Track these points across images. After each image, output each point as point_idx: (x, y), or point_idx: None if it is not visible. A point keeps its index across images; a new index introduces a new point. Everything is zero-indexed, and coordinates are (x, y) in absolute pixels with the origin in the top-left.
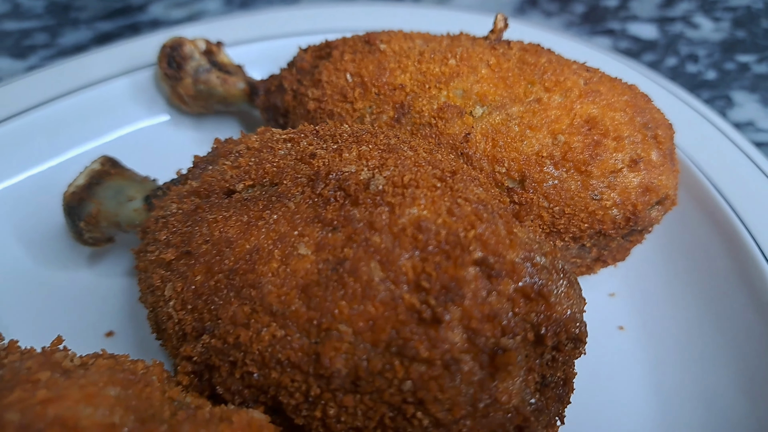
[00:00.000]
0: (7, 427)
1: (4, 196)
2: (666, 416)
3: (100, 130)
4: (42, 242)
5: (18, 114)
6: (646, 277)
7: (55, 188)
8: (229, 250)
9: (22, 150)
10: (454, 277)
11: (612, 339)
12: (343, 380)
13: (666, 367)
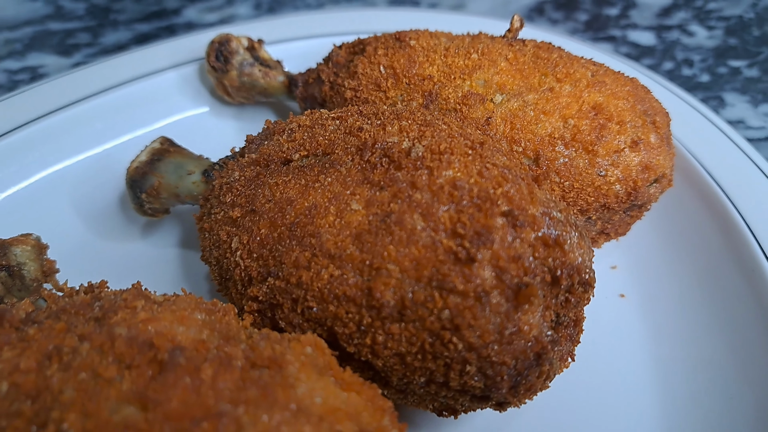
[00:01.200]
0: (117, 339)
1: (66, 174)
2: (663, 376)
3: (150, 118)
4: (100, 216)
5: (80, 100)
6: (645, 251)
7: (111, 168)
8: (290, 207)
9: (81, 133)
10: (485, 226)
11: (614, 306)
12: (391, 310)
13: (663, 331)
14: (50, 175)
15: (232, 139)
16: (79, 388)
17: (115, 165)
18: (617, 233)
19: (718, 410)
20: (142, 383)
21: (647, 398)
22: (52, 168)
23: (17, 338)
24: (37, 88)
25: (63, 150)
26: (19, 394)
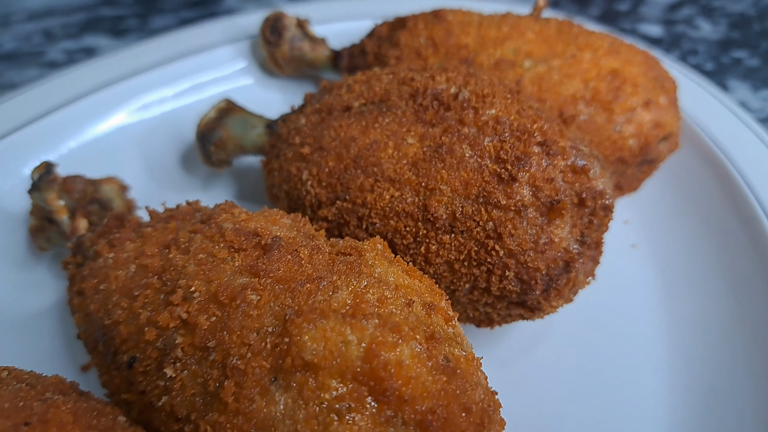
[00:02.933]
0: (225, 231)
1: (136, 132)
2: (672, 317)
3: (206, 86)
4: (163, 170)
5: (146, 70)
6: (655, 209)
7: (171, 129)
8: (353, 144)
9: (147, 97)
10: (524, 152)
11: (627, 255)
12: (443, 223)
13: (673, 278)
14: (120, 132)
15: (277, 108)
16: (198, 264)
17: (175, 126)
18: (630, 188)
19: (722, 348)
20: (251, 261)
21: (657, 339)
22: (122, 125)
23: (136, 235)
24: (112, 57)
25: (130, 112)
26: (146, 272)
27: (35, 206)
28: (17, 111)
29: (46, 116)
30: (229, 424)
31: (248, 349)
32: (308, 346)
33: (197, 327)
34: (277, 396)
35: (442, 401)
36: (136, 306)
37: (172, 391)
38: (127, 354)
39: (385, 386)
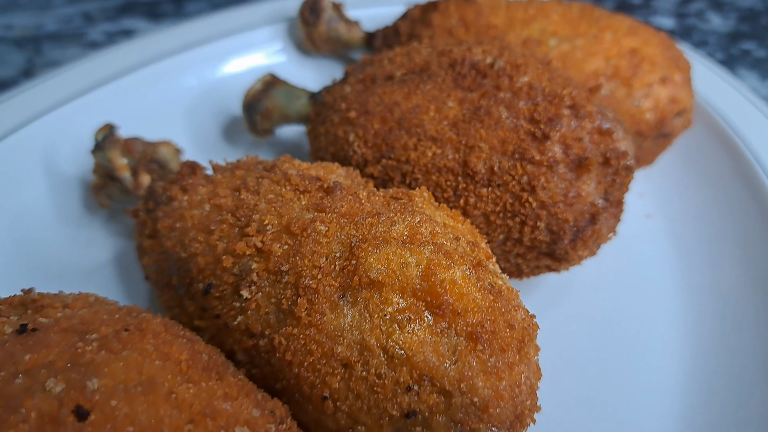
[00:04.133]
0: (290, 176)
1: (180, 106)
2: (686, 282)
3: (246, 63)
4: (206, 141)
5: (191, 48)
6: (669, 181)
7: (216, 102)
8: (397, 108)
9: (192, 72)
10: (555, 114)
11: (642, 225)
12: (481, 177)
13: (686, 246)
14: (165, 106)
15: (312, 85)
16: (269, 203)
17: (217, 101)
18: (646, 161)
19: (734, 311)
20: (316, 200)
21: (672, 302)
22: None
23: (206, 181)
24: (154, 36)
25: (174, 87)
26: (220, 211)
27: (98, 165)
28: (71, 83)
29: (96, 89)
30: (302, 335)
31: (319, 271)
32: (373, 266)
33: (271, 254)
34: (345, 310)
35: (489, 316)
36: (213, 239)
37: (248, 311)
38: (203, 282)
39: (440, 301)
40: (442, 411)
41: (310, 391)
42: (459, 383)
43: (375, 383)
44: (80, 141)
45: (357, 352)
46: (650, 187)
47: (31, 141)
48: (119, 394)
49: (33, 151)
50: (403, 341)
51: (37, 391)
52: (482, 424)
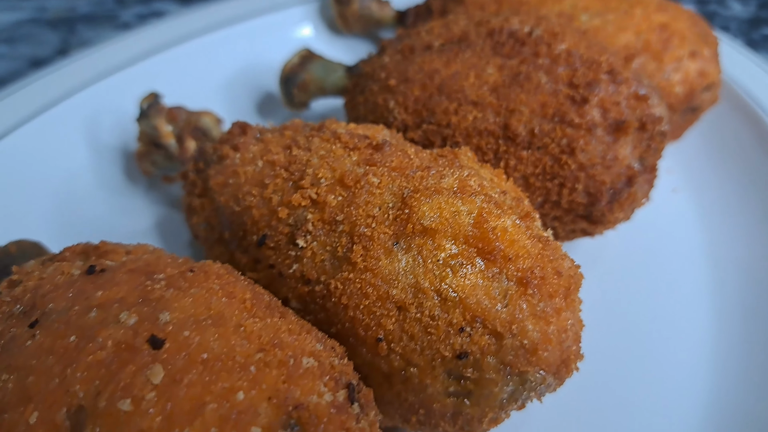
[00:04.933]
0: (340, 136)
1: (214, 83)
2: (713, 253)
3: (279, 42)
4: (243, 110)
5: (225, 27)
6: (695, 156)
7: (248, 79)
8: (437, 75)
9: (226, 51)
10: (594, 79)
11: (668, 199)
12: (522, 139)
13: (712, 219)
14: (198, 83)
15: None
16: (321, 158)
17: (250, 78)
18: (673, 136)
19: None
20: (367, 156)
21: (699, 273)
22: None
23: (257, 140)
24: (191, 14)
25: (207, 65)
26: (273, 166)
27: (142, 133)
28: (112, 57)
29: (135, 64)
30: (357, 279)
31: (373, 220)
32: (426, 214)
33: (326, 205)
34: (399, 256)
35: (538, 263)
36: (267, 192)
37: (303, 259)
38: (257, 234)
39: (491, 247)
40: (492, 353)
41: (364, 333)
42: (510, 325)
43: (428, 325)
44: (120, 113)
45: (411, 295)
46: (677, 162)
47: (74, 112)
48: (190, 326)
49: (76, 121)
50: (456, 285)
51: (111, 323)
52: (530, 367)
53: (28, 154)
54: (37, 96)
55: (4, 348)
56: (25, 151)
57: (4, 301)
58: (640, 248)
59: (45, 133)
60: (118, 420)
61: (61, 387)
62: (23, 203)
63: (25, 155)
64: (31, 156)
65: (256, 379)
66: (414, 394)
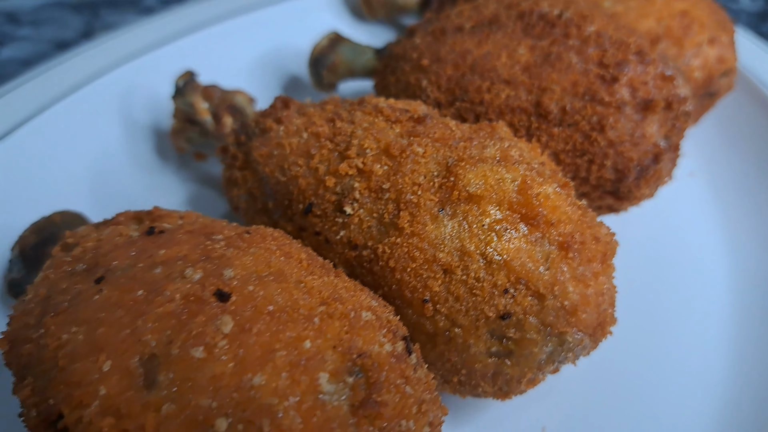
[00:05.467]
0: (382, 109)
1: (240, 66)
2: (731, 238)
3: (302, 29)
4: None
5: (249, 12)
6: (710, 142)
7: (273, 63)
8: (469, 55)
9: (251, 36)
10: (623, 59)
11: (685, 183)
12: (554, 116)
13: (728, 202)
14: (224, 66)
15: None
16: (365, 129)
17: (275, 62)
18: (692, 120)
19: None
20: (409, 128)
21: (716, 254)
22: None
23: (300, 113)
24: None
25: (233, 48)
26: (318, 138)
27: (178, 110)
28: (137, 41)
29: (163, 47)
30: (405, 243)
31: (419, 188)
32: (472, 181)
33: (372, 174)
34: (445, 221)
35: (579, 228)
36: (313, 162)
37: (350, 225)
38: (303, 203)
39: (535, 213)
40: (534, 313)
41: (411, 295)
42: (552, 287)
43: (474, 286)
44: (151, 93)
45: (457, 258)
46: (694, 146)
47: (107, 91)
48: (254, 281)
49: (110, 100)
50: (501, 248)
51: (177, 278)
52: (569, 328)
53: (63, 131)
54: (72, 74)
55: (71, 303)
56: (60, 127)
57: (65, 260)
58: (659, 230)
59: (79, 110)
60: (191, 366)
61: (133, 337)
62: (59, 178)
63: (60, 132)
64: (66, 133)
65: (320, 330)
66: (457, 354)
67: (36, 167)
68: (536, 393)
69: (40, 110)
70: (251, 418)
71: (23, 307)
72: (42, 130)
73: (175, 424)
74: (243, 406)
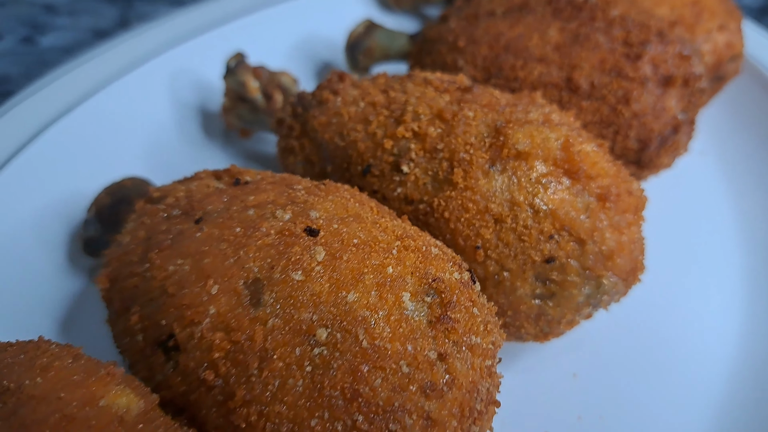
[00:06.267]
0: (431, 80)
1: (277, 53)
2: (740, 213)
3: (330, 20)
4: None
5: (277, 4)
6: (720, 122)
7: (307, 50)
8: (502, 36)
9: (278, 27)
10: (646, 39)
11: (696, 161)
12: (583, 91)
13: (737, 179)
14: (263, 53)
15: None
16: (417, 97)
17: (308, 50)
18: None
19: None
20: (458, 96)
21: (727, 230)
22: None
23: (354, 86)
24: None
25: (267, 39)
26: (374, 106)
27: (229, 89)
28: (178, 29)
29: (200, 36)
30: (458, 197)
31: (471, 147)
32: (520, 140)
33: (427, 136)
34: (496, 176)
35: (615, 182)
36: (371, 128)
37: (407, 183)
38: (362, 165)
39: (576, 168)
40: (576, 257)
41: (464, 243)
42: (592, 233)
43: (522, 233)
44: (195, 77)
45: (507, 209)
46: (703, 127)
47: (160, 72)
48: (337, 221)
49: (161, 81)
50: (547, 199)
51: (269, 218)
52: (606, 271)
53: (120, 107)
54: (123, 56)
55: (173, 240)
56: (120, 104)
57: (158, 208)
58: (672, 204)
59: (135, 89)
60: (292, 287)
61: (237, 264)
62: (118, 150)
63: (120, 107)
64: (125, 108)
65: (399, 259)
66: (504, 297)
67: (97, 140)
68: (569, 343)
69: (102, 87)
70: (348, 328)
71: (121, 250)
72: (103, 106)
73: (281, 335)
74: (340, 318)
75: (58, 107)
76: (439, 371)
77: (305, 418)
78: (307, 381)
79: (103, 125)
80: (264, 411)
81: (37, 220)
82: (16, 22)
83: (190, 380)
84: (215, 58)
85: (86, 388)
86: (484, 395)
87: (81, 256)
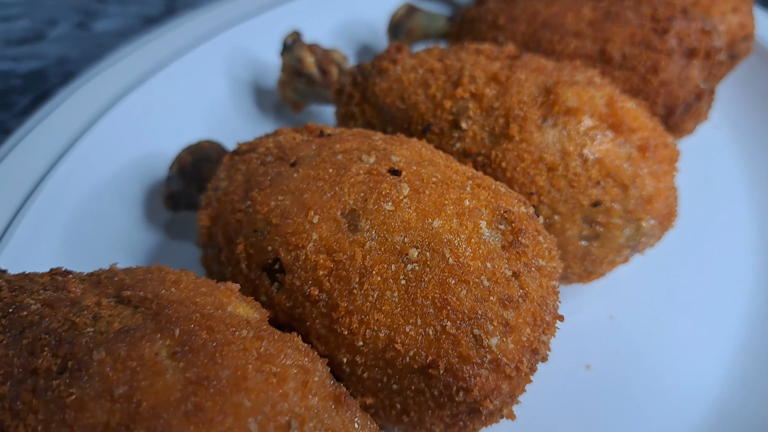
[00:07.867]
0: (482, 50)
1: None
2: (755, 183)
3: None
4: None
5: None
6: (732, 99)
7: (348, 34)
8: (539, 15)
9: (314, 16)
10: (672, 15)
11: (710, 134)
12: (615, 62)
13: (752, 151)
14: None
15: None
16: (472, 64)
17: (348, 34)
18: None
19: None
20: (509, 63)
21: (740, 200)
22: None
23: (411, 56)
24: None
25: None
26: (433, 72)
27: (286, 65)
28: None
29: (250, 20)
30: (514, 149)
31: (524, 104)
32: (569, 98)
33: (483, 96)
34: (548, 130)
35: (653, 135)
36: (431, 91)
37: (465, 138)
38: (422, 124)
39: (619, 122)
40: (619, 201)
41: (519, 189)
42: (634, 179)
43: (572, 180)
44: (249, 55)
45: (559, 158)
46: (717, 102)
47: (216, 52)
48: (415, 164)
49: (218, 60)
50: (594, 149)
51: (357, 161)
52: (645, 215)
53: (183, 83)
54: (182, 38)
55: (272, 181)
56: (181, 80)
57: (252, 157)
58: (688, 175)
59: (195, 67)
60: (385, 215)
61: (334, 198)
62: (179, 124)
63: (180, 84)
64: (185, 85)
65: (474, 194)
66: (555, 236)
67: (162, 113)
68: (605, 289)
69: (162, 65)
70: (435, 248)
71: (220, 192)
72: (167, 82)
73: (378, 254)
74: (428, 239)
75: (131, 79)
76: (514, 286)
77: (401, 324)
78: (402, 292)
79: (167, 100)
80: (364, 319)
81: (116, 181)
82: (70, 10)
83: (296, 297)
84: (264, 40)
85: (214, 296)
86: (551, 309)
87: (157, 212)
